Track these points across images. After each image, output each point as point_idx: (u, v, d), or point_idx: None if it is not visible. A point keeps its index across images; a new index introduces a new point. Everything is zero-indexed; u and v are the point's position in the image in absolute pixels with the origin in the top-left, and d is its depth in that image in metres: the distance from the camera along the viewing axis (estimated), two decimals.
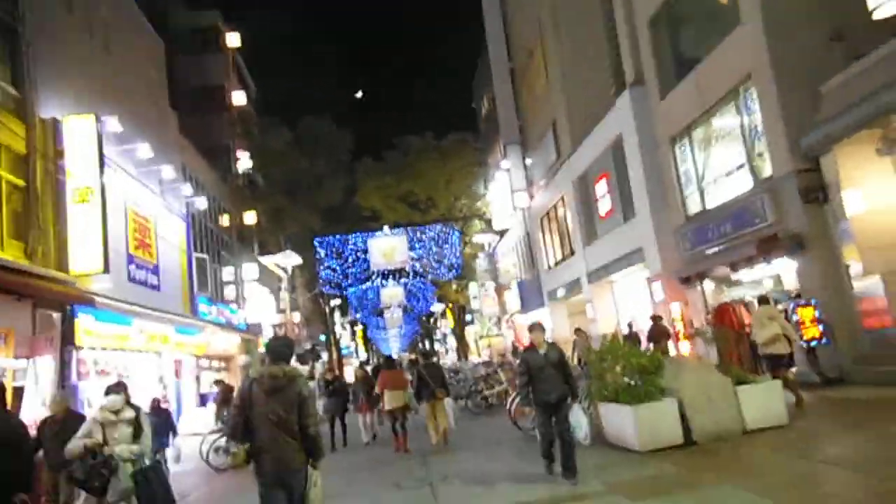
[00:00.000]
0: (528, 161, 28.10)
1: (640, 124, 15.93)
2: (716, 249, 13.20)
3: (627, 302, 21.43)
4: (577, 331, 15.68)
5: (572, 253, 23.52)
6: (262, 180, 27.67)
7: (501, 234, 28.73)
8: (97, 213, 12.45)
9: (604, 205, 19.29)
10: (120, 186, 15.43)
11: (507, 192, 28.64)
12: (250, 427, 4.15)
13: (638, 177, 16.23)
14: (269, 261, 23.97)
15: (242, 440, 4.15)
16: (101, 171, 12.75)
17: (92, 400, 13.61)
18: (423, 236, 28.84)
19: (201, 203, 20.39)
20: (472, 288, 42.60)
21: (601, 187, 19.29)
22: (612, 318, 20.94)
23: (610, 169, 18.46)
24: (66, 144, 12.58)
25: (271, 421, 4.10)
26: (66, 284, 11.68)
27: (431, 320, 60.73)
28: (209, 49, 30.57)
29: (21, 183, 11.75)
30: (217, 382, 15.12)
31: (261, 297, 29.46)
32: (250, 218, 29.36)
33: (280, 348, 4.44)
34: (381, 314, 57.22)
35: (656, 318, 15.55)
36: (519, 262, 31.75)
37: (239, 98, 30.53)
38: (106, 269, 12.36)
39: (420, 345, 66.22)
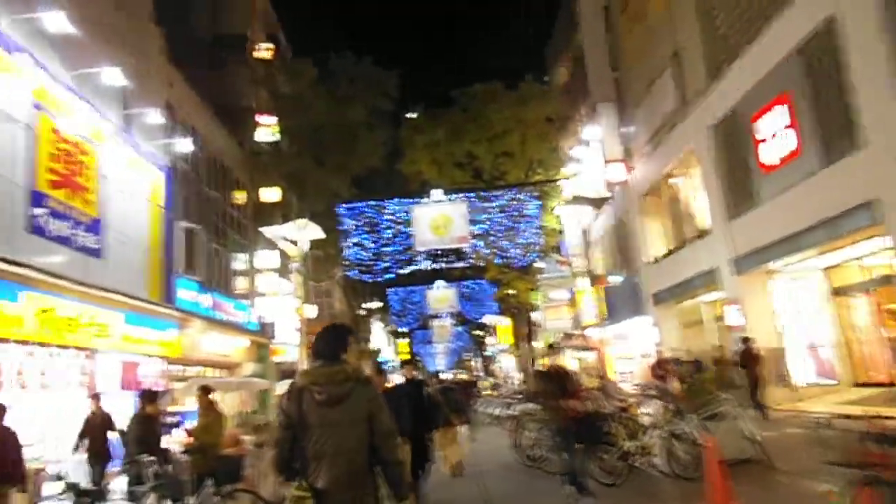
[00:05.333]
0: (624, 130, 21.48)
1: None
2: None
3: (793, 302, 14.59)
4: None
5: (700, 236, 16.74)
6: (282, 141, 21.61)
7: (599, 204, 21.78)
8: None
9: (774, 149, 12.53)
10: (24, 80, 9.71)
11: (596, 166, 22.01)
12: (302, 455, 3.02)
13: (876, 77, 9.50)
14: (274, 233, 17.91)
15: (292, 474, 3.01)
16: None
17: None
18: (490, 205, 21.81)
19: (185, 146, 14.58)
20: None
21: (771, 122, 12.54)
22: (767, 326, 14.11)
23: (794, 87, 11.77)
24: None
25: (331, 445, 2.96)
26: None
27: (483, 333, 53.48)
28: None
29: None
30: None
31: (280, 293, 23.61)
32: (272, 195, 23.60)
33: (330, 340, 3.21)
34: (426, 326, 50.59)
35: (746, 340, 12.95)
36: (605, 258, 24.94)
37: (264, 51, 25.00)
38: None
39: (471, 361, 59.17)
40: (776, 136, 12.39)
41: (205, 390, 6.68)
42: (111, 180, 12.37)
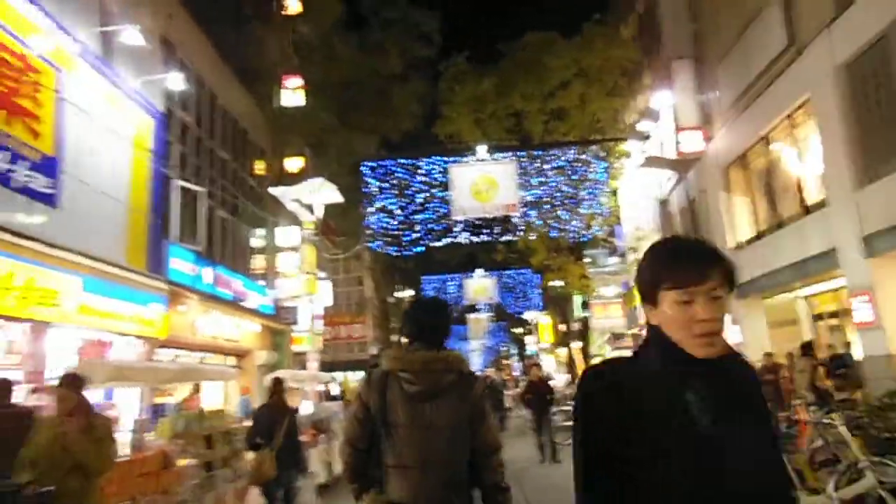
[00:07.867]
0: (702, 95, 18.17)
1: None
2: None
3: None
4: None
5: (808, 211, 13.44)
6: (307, 101, 18.83)
7: (685, 167, 18.29)
8: None
9: None
10: None
11: (668, 134, 18.74)
12: (381, 460, 2.31)
13: None
14: (285, 194, 15.19)
15: (367, 485, 2.31)
16: None
17: None
18: (545, 166, 18.21)
19: (175, 82, 11.99)
20: (575, 299, 32.75)
21: None
22: None
23: None
24: None
25: (421, 452, 2.24)
26: None
27: (523, 330, 50.03)
28: None
29: None
30: None
31: (303, 274, 21.08)
32: (296, 164, 21.08)
33: (433, 318, 2.49)
34: (462, 320, 47.41)
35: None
36: None
37: (293, 4, 22.42)
38: None
39: (509, 361, 55.86)
40: None
41: (69, 381, 3.99)
42: (78, 114, 9.89)
